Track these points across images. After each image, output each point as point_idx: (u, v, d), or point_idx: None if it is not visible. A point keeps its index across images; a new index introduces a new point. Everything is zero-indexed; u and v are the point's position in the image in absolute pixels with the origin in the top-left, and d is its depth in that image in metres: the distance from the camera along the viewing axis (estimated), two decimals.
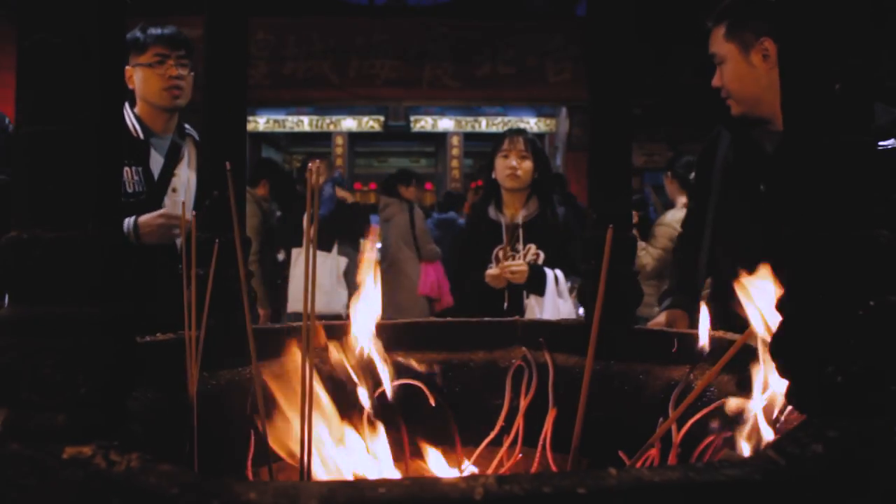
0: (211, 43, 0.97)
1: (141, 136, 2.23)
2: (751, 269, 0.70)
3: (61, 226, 0.48)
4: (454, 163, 10.59)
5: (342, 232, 5.28)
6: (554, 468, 0.95)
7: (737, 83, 1.60)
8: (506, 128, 11.13)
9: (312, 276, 0.67)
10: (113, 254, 0.50)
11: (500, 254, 2.67)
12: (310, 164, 0.68)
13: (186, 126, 2.51)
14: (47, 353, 0.47)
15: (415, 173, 5.60)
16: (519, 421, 0.98)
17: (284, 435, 0.70)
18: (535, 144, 2.81)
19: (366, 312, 0.89)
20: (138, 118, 2.26)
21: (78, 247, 0.48)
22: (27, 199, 0.49)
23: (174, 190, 2.30)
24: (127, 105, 2.27)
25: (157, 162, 2.26)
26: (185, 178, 2.38)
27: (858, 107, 0.53)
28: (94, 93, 0.49)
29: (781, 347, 0.55)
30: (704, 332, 0.89)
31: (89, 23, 0.50)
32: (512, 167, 2.71)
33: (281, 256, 5.23)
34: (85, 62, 0.50)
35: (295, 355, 0.71)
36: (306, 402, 0.67)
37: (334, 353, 0.87)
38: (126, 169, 2.19)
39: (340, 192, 5.49)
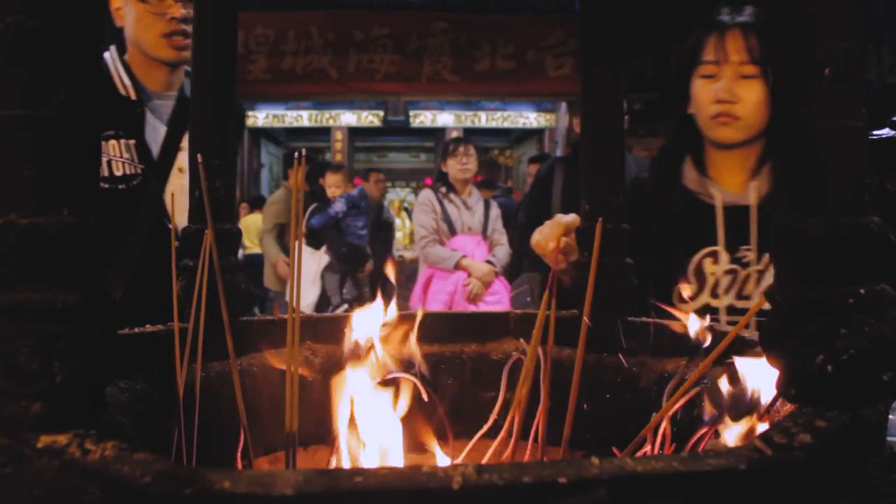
0: (200, 32, 0.97)
1: (132, 95, 1.62)
2: None
3: (36, 211, 0.47)
4: None
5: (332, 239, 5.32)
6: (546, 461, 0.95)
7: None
8: (505, 123, 11.10)
9: (298, 271, 0.67)
10: (91, 240, 0.49)
11: (707, 265, 1.36)
12: (295, 155, 0.66)
13: None
14: (23, 340, 0.47)
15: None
16: (512, 413, 0.98)
17: None
18: (762, 49, 1.35)
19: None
20: (128, 70, 1.64)
21: (53, 233, 0.47)
22: (1, 185, 0.48)
23: (181, 170, 1.66)
24: (113, 50, 1.66)
25: (156, 131, 1.67)
26: None
27: (849, 92, 0.52)
28: (69, 77, 0.49)
29: (771, 336, 0.54)
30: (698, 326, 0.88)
31: (66, 6, 0.49)
32: (725, 100, 1.34)
33: None
34: (61, 46, 0.49)
35: None
36: (292, 393, 0.66)
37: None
38: (112, 143, 1.59)
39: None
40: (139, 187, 1.60)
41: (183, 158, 1.65)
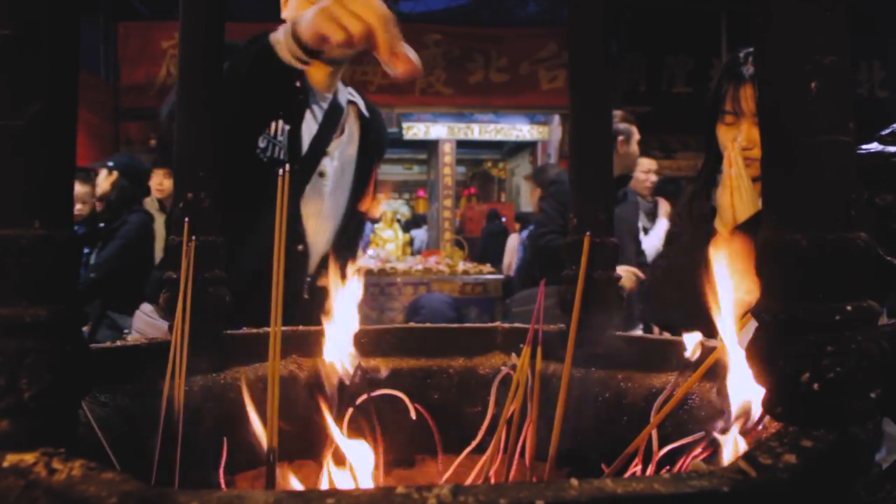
0: (187, 41, 0.96)
1: (296, 82, 1.41)
2: None
3: (6, 224, 0.46)
4: (446, 170, 10.58)
5: None
6: (534, 478, 0.93)
7: None
8: (498, 135, 11.12)
9: (279, 282, 0.66)
10: (61, 254, 0.48)
11: None
12: (279, 172, 0.66)
13: (350, 89, 1.70)
14: None
15: None
16: (500, 429, 0.97)
17: None
18: None
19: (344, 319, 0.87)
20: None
21: (23, 246, 0.46)
22: None
23: (321, 175, 1.61)
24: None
25: (308, 128, 1.58)
26: (340, 163, 1.66)
27: (836, 106, 0.51)
28: (43, 87, 0.48)
29: (757, 353, 0.53)
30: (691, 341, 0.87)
31: (41, 14, 0.48)
32: (745, 147, 1.56)
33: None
34: (35, 55, 0.48)
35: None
36: (273, 410, 0.65)
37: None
38: (273, 123, 1.48)
39: None
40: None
41: (325, 164, 1.61)
